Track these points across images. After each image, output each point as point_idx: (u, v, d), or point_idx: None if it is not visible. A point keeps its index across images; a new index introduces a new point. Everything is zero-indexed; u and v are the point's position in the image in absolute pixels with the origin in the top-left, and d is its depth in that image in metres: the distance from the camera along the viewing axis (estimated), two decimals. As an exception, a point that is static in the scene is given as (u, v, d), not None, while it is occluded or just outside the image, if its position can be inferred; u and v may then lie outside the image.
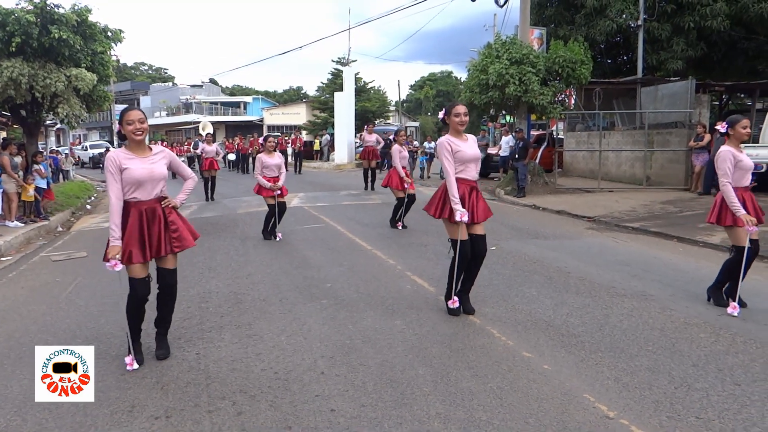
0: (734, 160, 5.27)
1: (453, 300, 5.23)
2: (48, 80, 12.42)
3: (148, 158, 4.24)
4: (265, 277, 6.93)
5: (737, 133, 5.38)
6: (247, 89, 77.13)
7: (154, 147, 4.46)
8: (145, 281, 4.20)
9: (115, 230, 4.06)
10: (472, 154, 5.14)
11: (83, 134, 56.27)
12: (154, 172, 4.22)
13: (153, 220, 4.21)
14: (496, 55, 14.94)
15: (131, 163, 4.15)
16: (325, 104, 38.66)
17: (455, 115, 5.13)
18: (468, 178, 5.13)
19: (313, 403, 3.62)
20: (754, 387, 3.73)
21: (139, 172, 4.14)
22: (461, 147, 5.08)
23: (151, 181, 4.20)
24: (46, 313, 5.76)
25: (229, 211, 13.35)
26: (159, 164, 4.27)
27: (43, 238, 10.82)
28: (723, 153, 5.32)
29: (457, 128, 5.16)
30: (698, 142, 14.04)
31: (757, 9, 17.21)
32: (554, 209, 12.48)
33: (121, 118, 4.25)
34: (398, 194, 10.09)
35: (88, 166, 36.65)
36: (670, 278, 6.56)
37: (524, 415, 3.39)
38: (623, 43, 21.86)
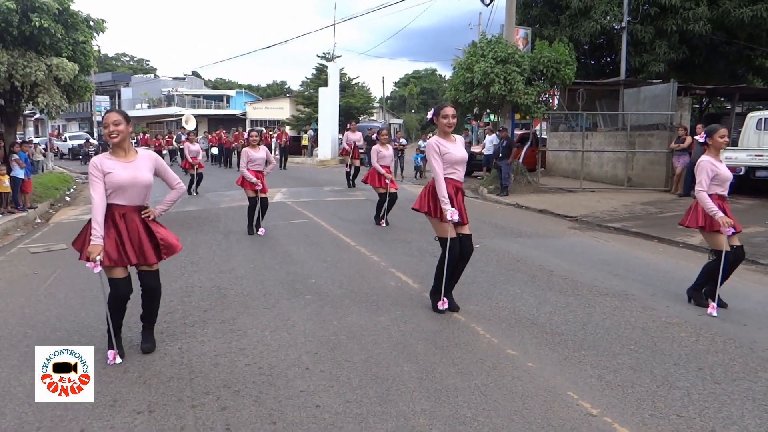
0: (712, 173, 5.35)
1: (443, 301, 5.23)
2: (28, 69, 12.18)
3: (131, 162, 4.12)
4: (248, 272, 6.88)
5: (715, 143, 5.48)
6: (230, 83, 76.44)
7: (141, 151, 4.34)
8: (126, 281, 4.14)
9: (97, 229, 3.95)
10: (460, 156, 5.18)
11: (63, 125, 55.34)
12: (138, 178, 4.09)
13: (131, 225, 4.11)
14: (482, 54, 14.96)
15: (114, 166, 4.05)
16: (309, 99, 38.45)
17: (443, 116, 5.15)
18: (455, 179, 5.16)
19: (297, 398, 3.60)
20: (733, 386, 3.79)
21: (121, 176, 4.03)
22: (449, 149, 5.11)
23: (133, 187, 4.09)
24: (24, 306, 5.66)
25: (211, 206, 13.24)
26: (143, 171, 4.14)
27: (21, 230, 10.64)
28: (702, 164, 5.39)
29: (444, 129, 5.18)
30: (679, 144, 14.21)
31: (738, 14, 17.44)
32: (537, 208, 12.56)
33: (104, 117, 4.17)
34: (379, 191, 10.11)
35: (67, 157, 36.13)
36: (650, 278, 6.64)
37: (509, 413, 3.41)
38: (607, 45, 22.04)
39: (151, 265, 4.23)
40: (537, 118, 18.21)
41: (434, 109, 5.31)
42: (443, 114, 5.15)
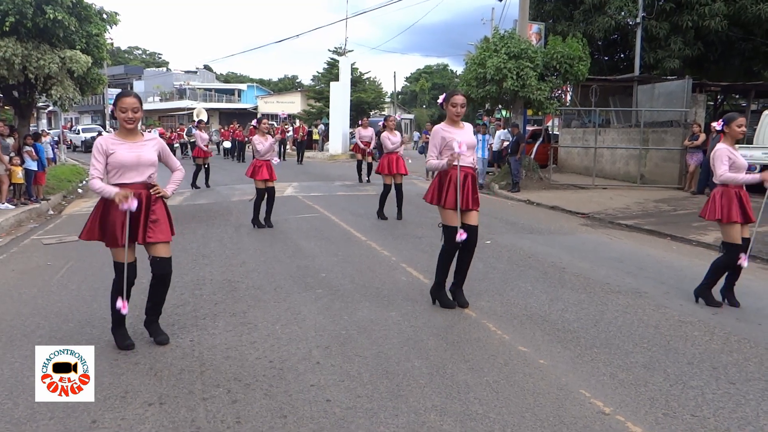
0: (729, 160, 5.30)
1: (460, 233, 4.98)
2: (42, 61, 12.25)
3: (137, 143, 4.19)
4: (258, 265, 6.89)
5: (732, 131, 5.40)
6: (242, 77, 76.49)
7: (147, 134, 4.44)
8: (132, 266, 4.20)
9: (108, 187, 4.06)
10: (469, 141, 5.15)
11: (75, 117, 55.72)
12: (142, 157, 4.16)
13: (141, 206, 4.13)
14: (494, 49, 14.88)
15: (119, 147, 4.12)
16: (320, 94, 38.38)
17: (452, 104, 5.14)
18: (464, 164, 5.12)
19: (308, 392, 3.59)
20: (748, 386, 3.74)
21: (125, 156, 4.10)
22: (455, 135, 5.08)
23: (138, 165, 4.14)
24: (37, 296, 5.70)
25: (222, 199, 13.28)
26: (148, 150, 4.20)
27: (34, 221, 10.72)
28: (720, 150, 5.35)
29: (453, 118, 5.19)
30: (693, 142, 14.07)
31: (755, 10, 17.21)
32: (548, 205, 12.49)
33: (115, 101, 4.18)
34: (385, 180, 10.08)
35: (80, 150, 36.33)
36: (663, 276, 6.58)
37: (521, 410, 3.38)
38: (621, 41, 21.82)
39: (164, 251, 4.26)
40: (549, 114, 18.08)
41: (445, 95, 5.28)
42: (452, 102, 5.14)
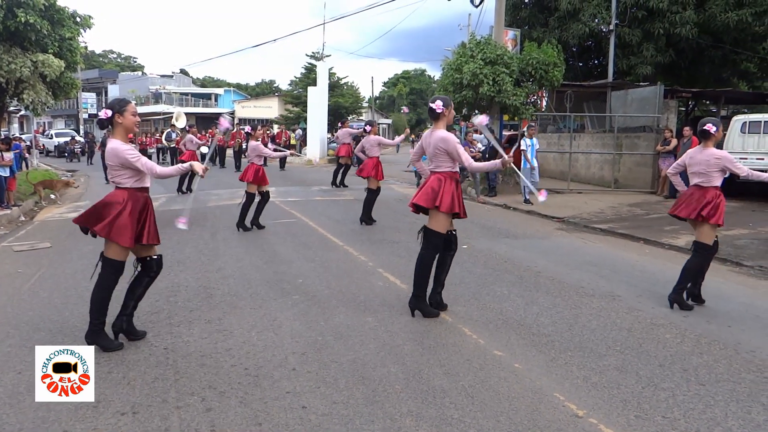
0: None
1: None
2: (13, 65, 12.07)
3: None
4: (235, 271, 6.84)
5: (718, 135, 5.53)
6: (219, 81, 76.02)
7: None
8: (123, 264, 4.39)
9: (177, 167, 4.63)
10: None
11: (48, 122, 54.83)
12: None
13: (148, 209, 4.41)
14: (471, 55, 14.99)
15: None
16: (297, 99, 38.33)
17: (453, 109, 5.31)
18: (455, 170, 5.18)
19: (284, 399, 3.58)
20: (717, 387, 3.81)
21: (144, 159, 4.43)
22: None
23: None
24: (7, 305, 5.59)
25: (199, 204, 13.14)
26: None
27: (4, 228, 10.51)
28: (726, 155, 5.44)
29: (450, 122, 5.30)
30: (665, 147, 14.32)
31: (723, 18, 17.61)
32: (524, 209, 12.60)
33: (123, 105, 4.33)
34: (371, 184, 10.09)
35: (53, 154, 35.76)
36: (636, 279, 6.68)
37: (495, 414, 3.41)
38: (595, 47, 22.19)
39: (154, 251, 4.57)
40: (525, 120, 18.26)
41: (445, 100, 5.15)
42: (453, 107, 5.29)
